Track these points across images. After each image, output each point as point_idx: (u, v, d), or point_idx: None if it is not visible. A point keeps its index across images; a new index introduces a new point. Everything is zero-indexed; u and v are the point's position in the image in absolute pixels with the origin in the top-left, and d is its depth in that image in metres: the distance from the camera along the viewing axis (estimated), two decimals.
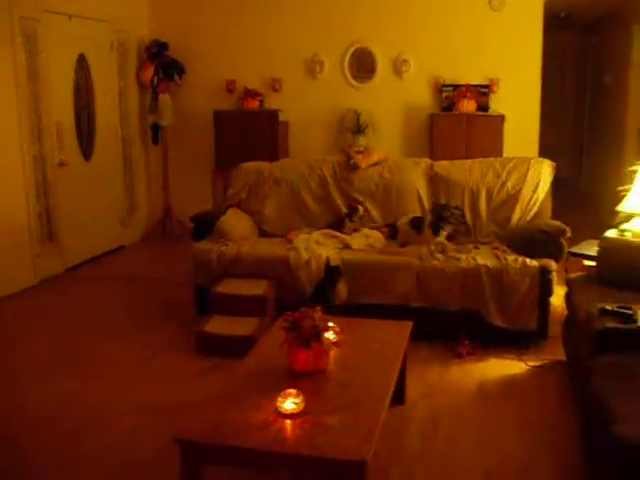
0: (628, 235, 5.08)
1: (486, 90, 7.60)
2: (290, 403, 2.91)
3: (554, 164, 5.76)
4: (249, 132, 7.93)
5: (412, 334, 4.03)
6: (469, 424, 3.92)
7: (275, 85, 8.26)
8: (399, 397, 4.05)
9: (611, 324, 3.58)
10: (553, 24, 9.07)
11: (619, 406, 2.86)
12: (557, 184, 5.83)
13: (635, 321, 3.57)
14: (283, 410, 2.90)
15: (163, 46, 8.25)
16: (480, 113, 7.50)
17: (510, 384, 4.42)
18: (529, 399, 4.23)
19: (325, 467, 2.71)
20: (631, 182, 5.25)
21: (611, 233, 5.24)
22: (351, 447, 2.70)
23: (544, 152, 7.20)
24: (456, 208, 5.49)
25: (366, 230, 5.63)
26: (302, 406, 2.92)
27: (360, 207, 5.74)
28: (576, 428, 3.78)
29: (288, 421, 2.88)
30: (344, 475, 2.70)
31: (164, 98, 8.28)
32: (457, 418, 3.98)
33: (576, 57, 12.25)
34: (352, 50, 8.08)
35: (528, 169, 5.67)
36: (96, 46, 7.55)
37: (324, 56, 8.13)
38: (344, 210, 5.82)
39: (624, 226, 5.22)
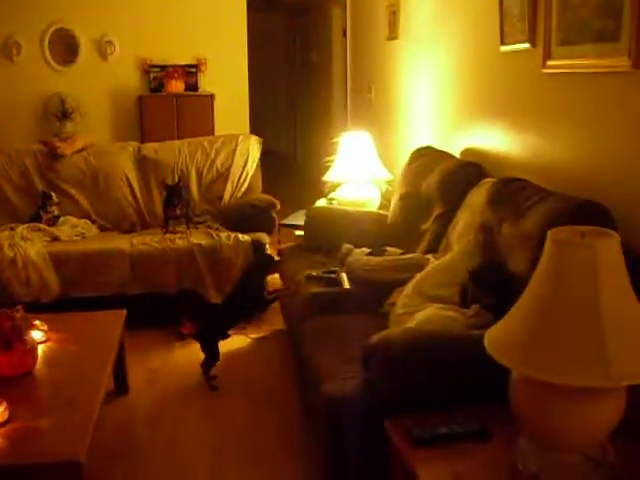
0: (335, 203, 5.35)
1: (194, 70, 7.59)
2: None
3: (261, 139, 5.92)
4: None
5: (132, 322, 3.95)
6: (195, 404, 3.93)
7: None
8: (122, 387, 3.98)
9: (316, 289, 3.76)
10: (260, 6, 9.30)
11: (326, 366, 3.00)
12: (274, 159, 6.01)
13: (338, 284, 3.78)
14: None
15: None
16: (189, 93, 7.47)
17: (234, 359, 4.49)
18: (253, 371, 4.35)
19: (38, 475, 2.55)
20: (335, 153, 5.53)
21: (321, 202, 5.50)
22: (63, 449, 2.56)
23: (259, 129, 7.36)
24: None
25: (73, 220, 5.38)
26: (6, 414, 2.71)
27: (53, 194, 5.46)
28: (296, 392, 3.94)
29: None
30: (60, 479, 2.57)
31: None
32: (183, 399, 3.98)
33: (286, 37, 12.69)
34: (52, 31, 7.63)
35: (236, 146, 5.77)
36: None
37: (20, 37, 7.59)
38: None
39: (332, 195, 5.50)
